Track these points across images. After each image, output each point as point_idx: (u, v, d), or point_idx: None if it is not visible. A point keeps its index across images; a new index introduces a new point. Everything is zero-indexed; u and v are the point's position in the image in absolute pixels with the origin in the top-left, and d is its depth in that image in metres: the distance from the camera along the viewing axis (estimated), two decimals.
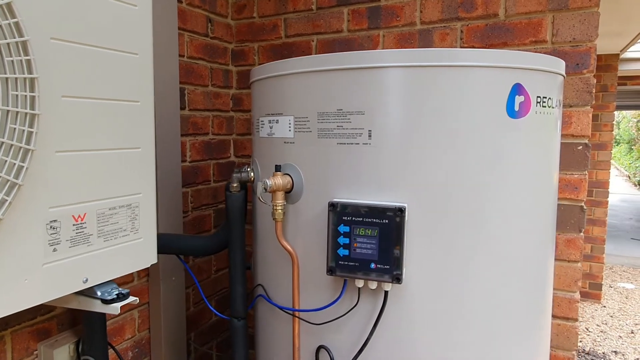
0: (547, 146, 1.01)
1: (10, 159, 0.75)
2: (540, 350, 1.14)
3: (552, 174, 1.06)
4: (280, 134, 1.04)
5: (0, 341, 1.19)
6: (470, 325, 0.95)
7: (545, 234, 1.06)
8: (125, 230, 0.99)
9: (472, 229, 0.92)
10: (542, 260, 1.06)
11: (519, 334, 1.03)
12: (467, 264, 0.92)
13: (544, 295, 1.11)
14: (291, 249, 1.01)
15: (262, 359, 1.18)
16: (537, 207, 1.01)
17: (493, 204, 0.93)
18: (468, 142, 0.90)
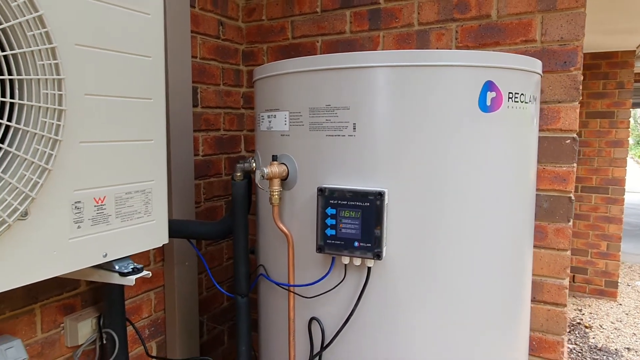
0: (522, 138, 1.10)
1: (42, 147, 0.88)
2: (518, 332, 1.23)
3: (527, 164, 1.15)
4: (278, 128, 1.15)
5: (31, 313, 1.34)
6: (445, 299, 1.04)
7: (520, 220, 1.15)
8: (139, 212, 1.11)
9: (447, 213, 1.02)
10: (516, 246, 1.15)
11: (493, 312, 1.12)
12: (441, 244, 1.02)
13: (521, 280, 1.20)
14: (287, 231, 1.12)
15: (263, 331, 1.30)
16: (510, 194, 1.10)
17: (467, 190, 1.03)
18: (443, 134, 1.00)
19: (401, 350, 1.05)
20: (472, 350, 1.09)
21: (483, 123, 1.02)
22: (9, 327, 1.28)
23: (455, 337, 1.07)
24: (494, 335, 1.14)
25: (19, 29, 0.83)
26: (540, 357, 1.63)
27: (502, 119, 1.04)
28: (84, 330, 1.44)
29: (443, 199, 1.01)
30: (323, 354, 1.09)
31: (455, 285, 1.05)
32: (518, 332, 1.23)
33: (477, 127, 1.02)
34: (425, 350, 1.05)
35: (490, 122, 1.03)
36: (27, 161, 0.86)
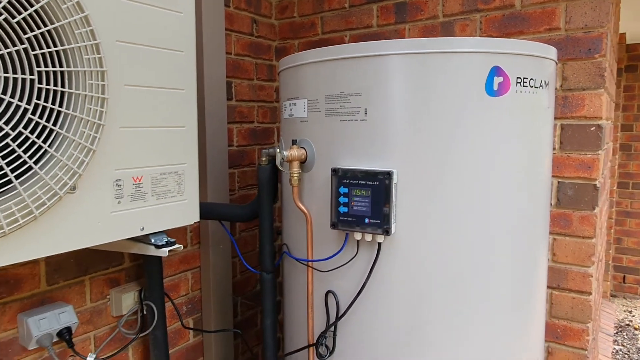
0: (532, 122, 1.13)
1: (88, 130, 1.00)
2: (531, 316, 1.25)
3: (538, 148, 1.18)
4: (298, 115, 1.24)
5: (81, 284, 1.50)
6: (452, 277, 1.09)
7: (528, 202, 1.18)
8: (173, 192, 1.23)
9: (454, 193, 1.07)
10: (526, 228, 1.18)
11: (501, 293, 1.15)
12: (447, 223, 1.07)
13: (531, 264, 1.22)
14: (305, 210, 1.21)
15: (286, 303, 1.39)
16: (519, 177, 1.13)
17: (473, 172, 1.07)
18: (449, 117, 1.05)
19: (410, 321, 1.11)
20: (482, 326, 1.13)
21: (490, 106, 1.06)
22: (62, 295, 1.44)
23: (463, 313, 1.12)
24: (503, 316, 1.17)
25: (68, 28, 0.96)
26: (565, 345, 1.63)
27: (510, 103, 1.08)
28: (127, 302, 1.58)
29: (450, 179, 1.07)
30: (338, 324, 1.17)
31: (461, 264, 1.10)
32: (530, 316, 1.25)
33: (484, 111, 1.06)
34: (434, 321, 1.10)
35: (497, 106, 1.07)
36: (75, 142, 0.98)
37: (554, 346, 1.65)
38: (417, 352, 1.12)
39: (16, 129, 0.89)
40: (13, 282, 1.32)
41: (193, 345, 1.93)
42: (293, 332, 1.36)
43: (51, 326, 1.34)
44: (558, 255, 1.61)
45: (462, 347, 1.12)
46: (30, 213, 0.93)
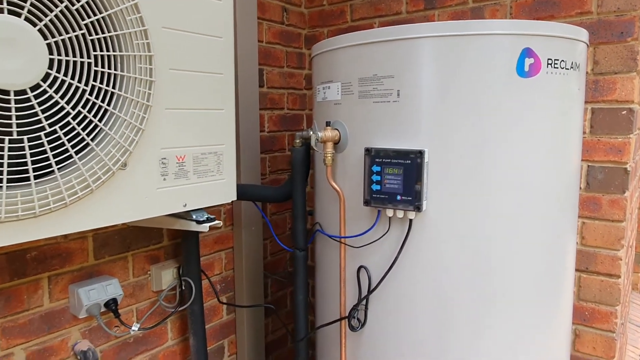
0: (562, 102, 1.15)
1: (137, 111, 1.08)
2: (559, 298, 1.28)
3: (569, 130, 1.20)
4: (331, 97, 1.28)
5: (125, 260, 1.59)
6: (480, 254, 1.13)
7: (557, 183, 1.20)
8: (212, 171, 1.30)
9: (483, 172, 1.10)
10: (554, 209, 1.20)
11: (529, 273, 1.18)
12: (476, 201, 1.11)
13: (559, 246, 1.25)
14: (338, 188, 1.26)
15: (319, 280, 1.45)
16: (548, 157, 1.16)
17: (503, 151, 1.10)
18: (480, 97, 1.08)
19: (438, 296, 1.15)
20: (509, 306, 1.17)
21: (521, 87, 1.09)
22: (108, 269, 1.54)
23: (491, 292, 1.15)
24: (532, 297, 1.20)
25: (120, 15, 1.02)
26: (592, 327, 1.65)
27: (541, 84, 1.10)
28: (167, 278, 1.67)
29: (480, 159, 1.10)
30: (369, 297, 1.22)
31: (490, 243, 1.13)
32: (558, 298, 1.28)
33: (514, 91, 1.09)
34: (461, 297, 1.15)
35: (529, 87, 1.09)
36: (126, 122, 1.06)
37: (581, 329, 1.67)
38: (445, 326, 1.16)
39: (75, 109, 0.97)
40: (65, 255, 1.42)
41: (226, 322, 2.01)
42: (324, 307, 1.42)
43: (99, 297, 1.43)
44: (587, 239, 1.62)
45: (489, 327, 1.16)
46: (88, 187, 1.00)
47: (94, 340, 1.51)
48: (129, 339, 1.62)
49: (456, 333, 1.17)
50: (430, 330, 1.17)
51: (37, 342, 1.37)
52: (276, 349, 2.30)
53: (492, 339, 1.17)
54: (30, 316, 1.35)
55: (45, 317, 1.39)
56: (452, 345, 1.16)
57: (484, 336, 1.17)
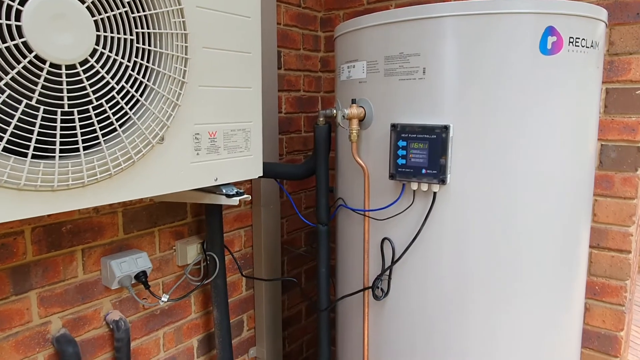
0: (582, 79, 1.19)
1: (173, 87, 1.12)
2: (576, 272, 1.33)
3: (588, 107, 1.24)
4: (356, 76, 1.33)
5: (152, 235, 1.64)
6: (501, 226, 1.18)
7: (577, 164, 1.24)
8: (241, 147, 1.35)
9: (506, 147, 1.15)
10: (573, 187, 1.25)
11: (548, 246, 1.24)
12: (498, 175, 1.16)
13: (576, 221, 1.30)
14: (363, 164, 1.31)
15: (340, 252, 1.51)
16: (569, 132, 1.20)
17: (525, 126, 1.15)
18: (504, 74, 1.12)
19: (460, 266, 1.21)
20: (527, 279, 1.22)
21: (543, 65, 1.13)
22: (136, 244, 1.59)
23: (509, 264, 1.21)
24: (548, 271, 1.25)
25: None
26: (602, 301, 1.70)
27: (563, 61, 1.14)
28: (191, 253, 1.73)
29: (503, 134, 1.14)
30: (393, 268, 1.27)
31: (509, 215, 1.18)
32: (573, 273, 1.33)
33: (537, 69, 1.13)
34: (482, 267, 1.20)
35: (551, 64, 1.13)
36: (164, 97, 1.10)
37: (591, 303, 1.73)
38: (466, 295, 1.22)
39: (119, 84, 1.01)
40: (97, 229, 1.48)
41: (245, 298, 2.08)
42: (346, 279, 1.47)
43: (130, 269, 1.49)
44: (599, 216, 1.67)
45: (508, 298, 1.22)
46: (130, 159, 1.05)
47: (124, 312, 1.57)
48: (156, 311, 1.69)
49: (477, 303, 1.22)
50: (452, 299, 1.23)
51: (72, 311, 1.44)
52: (291, 325, 2.37)
53: (511, 310, 1.23)
54: (65, 287, 1.41)
55: (80, 288, 1.45)
56: (473, 314, 1.22)
57: (503, 306, 1.22)
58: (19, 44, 0.84)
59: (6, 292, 1.28)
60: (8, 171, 0.86)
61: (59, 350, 1.37)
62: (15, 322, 1.31)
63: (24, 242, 1.30)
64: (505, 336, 1.24)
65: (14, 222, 1.28)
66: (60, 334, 1.39)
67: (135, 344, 1.63)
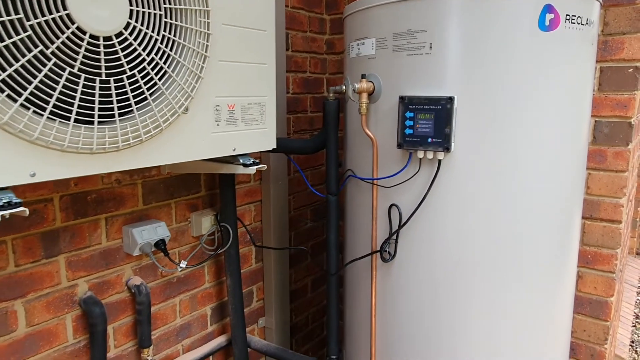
0: (577, 55, 1.28)
1: (197, 60, 1.20)
2: (569, 241, 1.43)
3: (582, 80, 1.33)
4: (366, 53, 1.41)
5: (169, 206, 1.73)
6: (503, 193, 1.28)
7: (573, 137, 1.33)
8: (257, 120, 1.43)
9: (506, 117, 1.24)
10: (570, 161, 1.34)
11: (544, 217, 1.33)
12: (499, 144, 1.25)
13: (572, 194, 1.39)
14: (372, 135, 1.39)
15: (349, 221, 1.60)
16: (564, 105, 1.29)
17: (524, 98, 1.23)
18: (505, 49, 1.20)
19: (463, 230, 1.30)
20: (526, 239, 1.32)
21: (542, 40, 1.21)
22: (155, 214, 1.68)
23: (508, 224, 1.30)
24: (544, 235, 1.35)
25: None
26: (594, 269, 1.81)
27: (559, 37, 1.23)
28: (205, 224, 1.82)
29: (504, 104, 1.23)
30: (400, 232, 1.37)
31: (508, 181, 1.27)
32: (566, 240, 1.43)
33: (536, 44, 1.21)
34: (483, 231, 1.30)
35: (549, 40, 1.22)
36: (189, 70, 1.18)
37: (584, 271, 1.83)
38: (467, 256, 1.32)
39: (150, 56, 1.09)
40: (119, 199, 1.56)
41: (255, 270, 2.17)
42: (355, 246, 1.57)
43: (150, 237, 1.58)
44: (592, 188, 1.77)
45: (506, 262, 1.31)
46: (158, 126, 1.14)
47: (143, 278, 1.66)
48: (173, 279, 1.78)
49: (479, 263, 1.32)
50: (456, 260, 1.32)
51: (97, 276, 1.53)
52: (298, 298, 2.48)
53: (511, 272, 1.33)
54: (91, 252, 1.50)
55: (104, 254, 1.54)
56: (475, 273, 1.32)
57: (504, 268, 1.32)
58: (63, 16, 0.92)
59: (38, 255, 1.37)
60: (54, 133, 0.94)
61: (87, 311, 1.47)
62: (46, 284, 1.40)
63: (53, 209, 1.39)
64: (505, 295, 1.34)
65: (44, 190, 1.36)
66: (87, 296, 1.48)
67: (153, 309, 1.72)
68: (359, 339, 1.60)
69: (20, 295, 1.34)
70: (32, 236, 1.35)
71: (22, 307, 1.35)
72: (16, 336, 1.34)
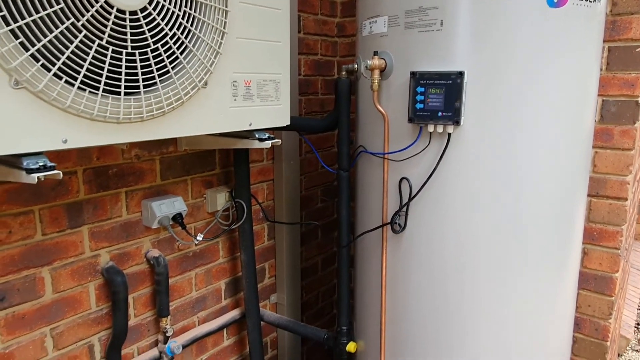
0: (585, 32, 1.31)
1: (215, 36, 1.25)
2: (573, 219, 1.47)
3: (590, 55, 1.36)
4: (378, 31, 1.44)
5: (185, 183, 1.79)
6: (510, 161, 1.32)
7: (578, 115, 1.37)
8: (272, 97, 1.48)
9: (513, 91, 1.28)
10: (575, 138, 1.38)
11: (548, 193, 1.37)
12: (509, 116, 1.29)
13: (578, 171, 1.43)
14: (383, 111, 1.44)
15: (361, 195, 1.65)
16: (571, 82, 1.33)
17: (531, 73, 1.27)
18: (514, 25, 1.24)
19: (471, 200, 1.35)
20: (530, 214, 1.36)
21: (550, 16, 1.24)
22: (172, 190, 1.74)
23: (516, 196, 1.35)
24: (551, 214, 1.39)
25: None
26: (600, 246, 1.85)
27: (568, 13, 1.26)
28: (220, 200, 1.88)
29: (513, 79, 1.27)
30: (410, 204, 1.42)
31: (517, 154, 1.32)
32: (571, 214, 1.47)
33: (544, 20, 1.24)
34: (491, 202, 1.34)
35: (557, 16, 1.25)
36: (208, 45, 1.23)
37: (589, 247, 1.87)
38: (474, 225, 1.37)
39: (172, 30, 1.14)
40: (138, 174, 1.62)
41: (267, 247, 2.24)
42: (365, 220, 1.62)
43: (168, 210, 1.64)
44: (598, 166, 1.80)
45: (513, 234, 1.36)
46: (180, 99, 1.19)
47: (161, 251, 1.73)
48: (189, 253, 1.85)
49: (487, 234, 1.37)
50: (463, 231, 1.37)
51: (118, 247, 1.59)
52: (308, 276, 2.54)
53: (518, 243, 1.38)
54: (112, 224, 1.57)
55: (124, 226, 1.60)
56: (483, 243, 1.37)
57: (511, 239, 1.37)
58: None
59: (63, 225, 1.43)
60: (84, 102, 1.00)
61: (109, 280, 1.53)
62: (70, 253, 1.47)
63: (77, 181, 1.45)
64: (511, 268, 1.39)
65: (68, 162, 1.42)
66: (109, 266, 1.55)
67: (171, 282, 1.79)
68: (369, 310, 1.66)
69: (47, 262, 1.41)
70: (57, 207, 1.41)
71: (49, 274, 1.42)
72: (44, 301, 1.41)
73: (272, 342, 2.37)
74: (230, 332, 2.10)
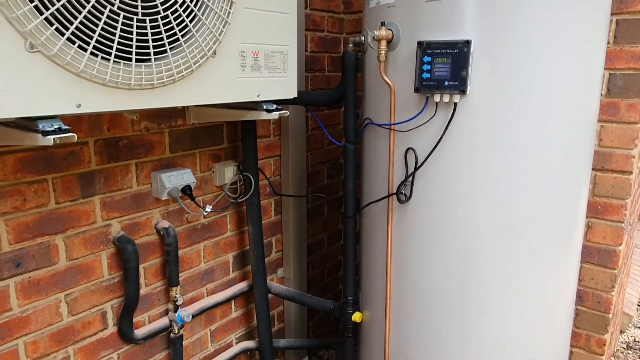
0: (591, 2, 1.31)
1: (224, 5, 1.26)
2: (580, 193, 1.49)
3: (595, 28, 1.36)
4: (385, 2, 1.45)
5: (194, 156, 1.81)
6: (516, 131, 1.33)
7: (584, 88, 1.37)
8: (279, 69, 1.49)
9: (518, 61, 1.28)
10: (581, 108, 1.39)
11: (554, 166, 1.39)
12: (515, 85, 1.30)
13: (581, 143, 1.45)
14: (390, 82, 1.45)
15: (367, 167, 1.67)
16: (577, 52, 1.33)
17: (538, 42, 1.27)
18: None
19: (475, 169, 1.37)
20: (532, 182, 1.38)
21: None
22: (181, 162, 1.77)
23: (521, 165, 1.36)
24: (555, 186, 1.41)
25: None
26: (604, 219, 1.86)
27: None
28: (228, 174, 1.90)
29: (518, 49, 1.27)
30: (415, 174, 1.44)
31: (523, 123, 1.33)
32: (579, 189, 1.48)
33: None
34: (494, 172, 1.36)
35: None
36: (217, 14, 1.24)
37: (593, 221, 1.89)
38: (479, 195, 1.38)
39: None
40: (148, 146, 1.65)
41: (274, 222, 2.27)
42: (372, 191, 1.64)
43: (178, 182, 1.67)
44: (604, 140, 1.81)
45: (516, 205, 1.38)
46: (189, 67, 1.21)
47: (171, 223, 1.76)
48: (197, 225, 1.88)
49: (489, 202, 1.39)
50: (467, 201, 1.39)
51: (129, 217, 1.63)
52: (314, 252, 2.58)
53: (520, 217, 1.40)
54: (123, 195, 1.60)
55: (134, 197, 1.63)
56: (485, 210, 1.39)
57: (513, 207, 1.39)
58: None
59: (75, 194, 1.47)
60: (97, 67, 1.02)
61: (120, 249, 1.57)
62: (83, 222, 1.50)
63: (89, 152, 1.48)
64: (514, 239, 1.41)
65: (80, 133, 1.45)
66: (120, 235, 1.58)
67: (180, 253, 1.83)
68: (374, 280, 1.69)
69: (61, 230, 1.45)
70: (70, 176, 1.44)
71: (63, 242, 1.45)
72: (58, 268, 1.45)
73: (278, 315, 2.41)
74: (238, 304, 2.15)
